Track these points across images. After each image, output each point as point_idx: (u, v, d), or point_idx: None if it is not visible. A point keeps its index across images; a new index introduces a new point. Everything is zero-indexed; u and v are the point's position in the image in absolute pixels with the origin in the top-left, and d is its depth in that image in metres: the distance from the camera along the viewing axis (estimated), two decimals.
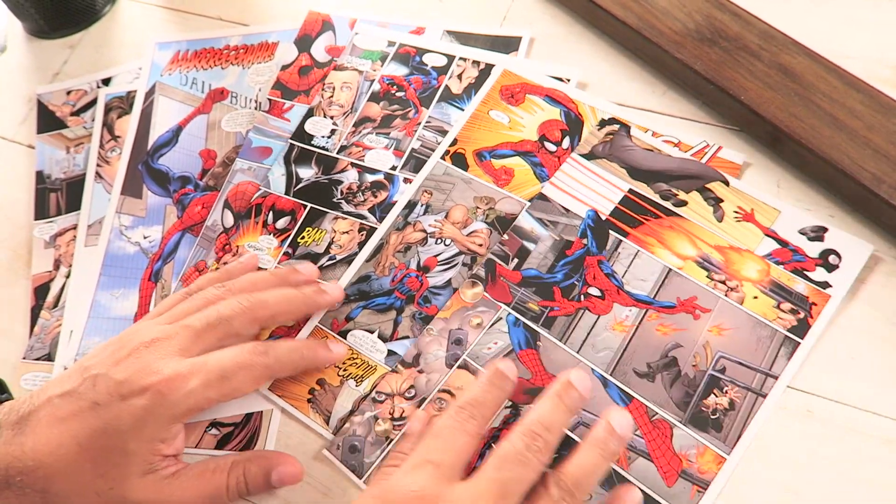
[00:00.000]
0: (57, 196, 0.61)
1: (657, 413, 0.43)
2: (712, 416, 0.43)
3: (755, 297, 0.45)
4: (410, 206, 0.53)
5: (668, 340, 0.45)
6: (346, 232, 0.53)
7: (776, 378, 0.43)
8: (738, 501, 0.41)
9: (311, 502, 0.45)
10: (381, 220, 0.53)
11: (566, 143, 0.53)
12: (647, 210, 0.49)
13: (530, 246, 0.49)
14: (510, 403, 0.45)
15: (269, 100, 0.60)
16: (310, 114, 0.58)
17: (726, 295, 0.46)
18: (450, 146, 0.54)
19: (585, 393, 0.42)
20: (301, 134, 0.58)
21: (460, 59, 0.58)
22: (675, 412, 0.43)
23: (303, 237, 0.53)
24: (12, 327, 0.56)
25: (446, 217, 0.52)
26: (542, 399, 0.41)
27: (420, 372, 0.47)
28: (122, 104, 0.63)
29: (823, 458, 0.41)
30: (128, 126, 0.62)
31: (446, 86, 0.57)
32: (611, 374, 0.45)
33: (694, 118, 0.52)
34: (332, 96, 0.59)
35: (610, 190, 0.50)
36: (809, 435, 0.42)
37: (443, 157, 0.54)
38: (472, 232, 0.51)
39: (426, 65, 0.58)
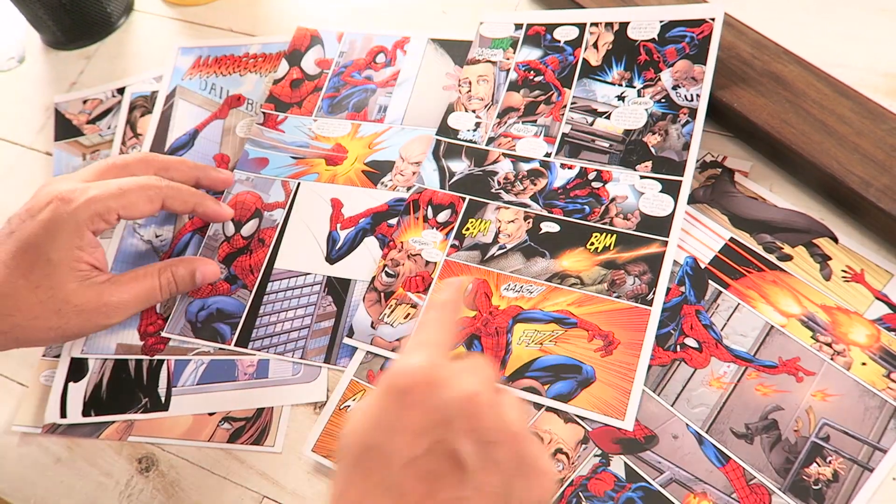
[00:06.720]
0: None
1: (755, 477, 0.42)
2: (814, 487, 0.41)
3: (863, 364, 0.43)
4: None
5: (769, 402, 0.43)
6: (512, 221, 0.52)
7: (885, 452, 0.41)
8: None
9: None
10: (544, 206, 0.52)
11: None
12: (749, 262, 0.47)
13: None
14: (600, 452, 0.44)
15: (264, 113, 0.62)
16: (450, 109, 0.58)
17: (832, 359, 0.44)
18: None
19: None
20: (445, 129, 0.57)
21: (592, 25, 0.56)
22: (775, 478, 0.42)
23: (467, 228, 0.52)
24: None
25: None
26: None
27: None
28: (145, 103, 0.66)
29: None
30: (149, 125, 0.64)
31: (584, 59, 0.55)
32: (706, 432, 0.43)
33: None
34: (469, 91, 0.58)
35: (710, 237, 0.48)
36: None
37: None
38: None
39: (559, 41, 0.56)
